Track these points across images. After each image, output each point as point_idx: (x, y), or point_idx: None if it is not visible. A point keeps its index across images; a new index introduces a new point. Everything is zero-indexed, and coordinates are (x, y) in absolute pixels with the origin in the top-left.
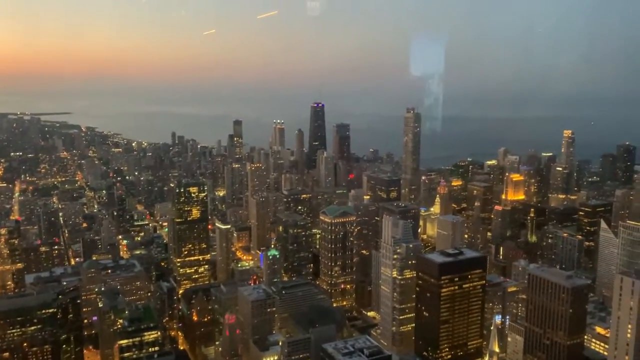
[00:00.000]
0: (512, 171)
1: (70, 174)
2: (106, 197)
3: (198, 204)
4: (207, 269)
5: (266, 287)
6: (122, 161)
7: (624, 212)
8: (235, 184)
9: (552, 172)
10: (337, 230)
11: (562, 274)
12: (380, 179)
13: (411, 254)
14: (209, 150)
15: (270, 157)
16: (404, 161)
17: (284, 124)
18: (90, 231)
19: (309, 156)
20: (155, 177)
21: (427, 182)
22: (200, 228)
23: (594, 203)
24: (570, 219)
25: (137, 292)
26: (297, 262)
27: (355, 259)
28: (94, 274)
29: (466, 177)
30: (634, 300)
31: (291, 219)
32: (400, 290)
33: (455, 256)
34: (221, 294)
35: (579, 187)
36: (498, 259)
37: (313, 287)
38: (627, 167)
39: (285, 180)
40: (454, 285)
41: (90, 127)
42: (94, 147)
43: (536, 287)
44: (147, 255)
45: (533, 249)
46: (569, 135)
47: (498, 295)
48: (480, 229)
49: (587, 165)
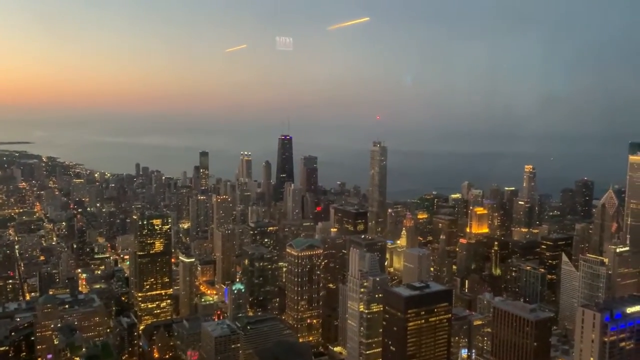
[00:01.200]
0: (475, 205)
1: (29, 205)
2: (66, 229)
3: (161, 236)
4: (169, 303)
5: (230, 322)
6: (84, 192)
7: (583, 245)
8: (201, 216)
9: (514, 206)
10: (304, 263)
11: (526, 307)
12: (347, 211)
13: (378, 287)
14: (174, 181)
15: (236, 189)
16: (370, 194)
17: (251, 156)
18: (47, 264)
19: (276, 188)
20: (118, 209)
21: (394, 215)
22: (163, 261)
23: (555, 237)
24: (533, 252)
25: (96, 328)
26: (262, 297)
27: (322, 292)
28: (50, 310)
29: (431, 210)
30: (595, 333)
31: (257, 252)
32: (367, 325)
33: (421, 289)
34: (184, 329)
35: (540, 221)
36: (464, 292)
37: (279, 322)
38: (585, 202)
39: (252, 213)
40: (420, 319)
41: (51, 157)
42: (55, 177)
43: (501, 320)
44: (107, 290)
45: (498, 282)
46: (530, 170)
47: (464, 329)
48: (446, 262)
49: (547, 200)
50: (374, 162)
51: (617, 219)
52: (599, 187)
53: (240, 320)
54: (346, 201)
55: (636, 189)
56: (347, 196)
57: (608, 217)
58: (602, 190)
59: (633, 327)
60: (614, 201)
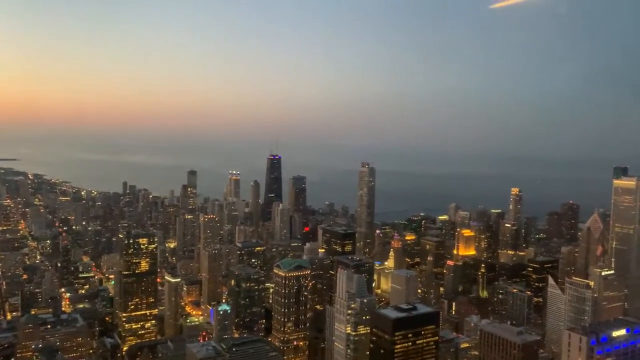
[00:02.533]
0: (463, 227)
1: (13, 222)
2: (50, 247)
3: (147, 255)
4: (154, 324)
5: (216, 343)
6: (70, 210)
7: (569, 268)
8: (187, 235)
9: (501, 229)
10: (291, 284)
11: (512, 330)
12: (335, 232)
13: (365, 309)
14: (161, 200)
15: (224, 209)
16: (358, 214)
17: (239, 175)
18: (30, 283)
19: (264, 208)
20: (104, 227)
21: (382, 236)
22: (149, 281)
23: (541, 259)
24: (520, 274)
25: (78, 348)
26: (249, 318)
27: (309, 314)
28: (32, 329)
29: (419, 231)
30: (581, 356)
31: (244, 272)
32: (354, 347)
33: (409, 311)
34: (168, 350)
35: (527, 244)
36: (451, 314)
37: (265, 344)
38: (571, 225)
39: (239, 232)
40: (407, 341)
41: (37, 175)
42: (41, 194)
43: (488, 343)
44: (91, 310)
45: (484, 304)
46: (517, 192)
47: (451, 352)
48: (433, 284)
49: (534, 222)
50: (362, 183)
51: (602, 242)
52: (584, 210)
53: (226, 341)
54: (334, 221)
55: (620, 212)
56: (336, 216)
57: (593, 241)
58: (587, 213)
59: (619, 350)
60: (599, 225)
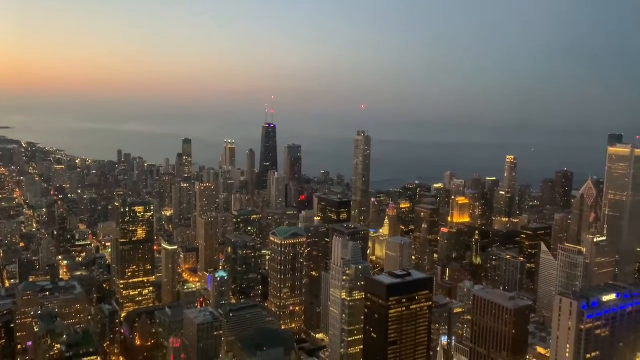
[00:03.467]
0: (457, 194)
1: (8, 191)
2: (46, 215)
3: (143, 224)
4: (151, 291)
5: (213, 309)
6: (65, 178)
7: (562, 235)
8: (183, 203)
9: (495, 196)
10: (287, 251)
11: (505, 296)
12: (330, 200)
13: (360, 275)
14: (156, 169)
15: (220, 177)
16: (354, 183)
17: (235, 144)
18: (27, 251)
19: (259, 177)
20: (99, 196)
21: (377, 204)
22: (146, 249)
23: (534, 226)
24: (513, 241)
25: (77, 315)
26: (245, 284)
27: (305, 280)
28: (30, 297)
29: (414, 199)
30: (572, 321)
31: (240, 240)
32: (349, 312)
33: (403, 277)
34: (166, 317)
35: (521, 211)
36: (444, 281)
37: (261, 309)
38: (565, 192)
39: (235, 201)
40: (401, 306)
41: (31, 143)
42: (35, 163)
43: (481, 308)
44: (88, 277)
45: (478, 270)
46: (512, 160)
47: (444, 317)
48: (428, 251)
49: (528, 190)
50: (357, 152)
51: (595, 209)
52: (578, 178)
53: (223, 307)
54: (330, 190)
55: (614, 180)
56: (331, 185)
57: (586, 208)
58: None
59: (609, 314)
60: (593, 192)
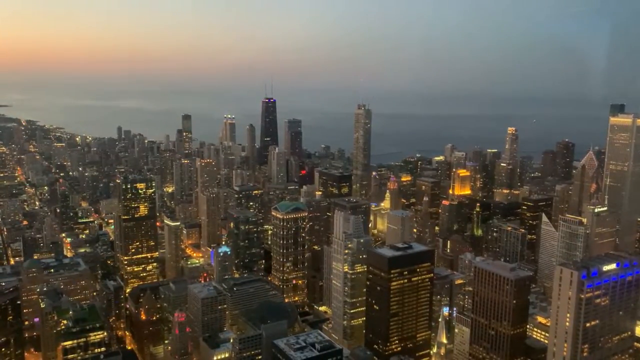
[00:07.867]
0: (458, 167)
1: (9, 169)
2: (48, 193)
3: (145, 200)
4: (155, 266)
5: (217, 284)
6: (65, 156)
7: (563, 206)
8: (185, 179)
9: (496, 168)
10: (289, 226)
11: (506, 267)
12: (331, 174)
13: (362, 248)
14: (156, 145)
15: (220, 153)
16: (354, 157)
17: (234, 119)
18: (31, 229)
19: (260, 152)
20: (101, 173)
21: (378, 178)
22: (148, 225)
23: (535, 198)
24: (514, 213)
25: (82, 291)
26: (248, 259)
27: (307, 254)
28: (35, 274)
29: (415, 172)
30: (572, 290)
31: (242, 215)
32: (351, 285)
33: (404, 250)
34: (170, 292)
35: (521, 183)
36: (445, 253)
37: (265, 283)
38: (566, 164)
39: (236, 176)
40: (403, 278)
41: (30, 121)
42: (35, 141)
43: (481, 279)
44: (92, 254)
45: (479, 242)
46: (513, 132)
47: (445, 288)
48: (429, 224)
49: (529, 162)
50: (358, 125)
51: (596, 180)
52: (579, 148)
53: (227, 281)
54: (330, 164)
55: (616, 150)
56: (332, 159)
57: (588, 178)
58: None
59: (608, 284)
60: (594, 162)
